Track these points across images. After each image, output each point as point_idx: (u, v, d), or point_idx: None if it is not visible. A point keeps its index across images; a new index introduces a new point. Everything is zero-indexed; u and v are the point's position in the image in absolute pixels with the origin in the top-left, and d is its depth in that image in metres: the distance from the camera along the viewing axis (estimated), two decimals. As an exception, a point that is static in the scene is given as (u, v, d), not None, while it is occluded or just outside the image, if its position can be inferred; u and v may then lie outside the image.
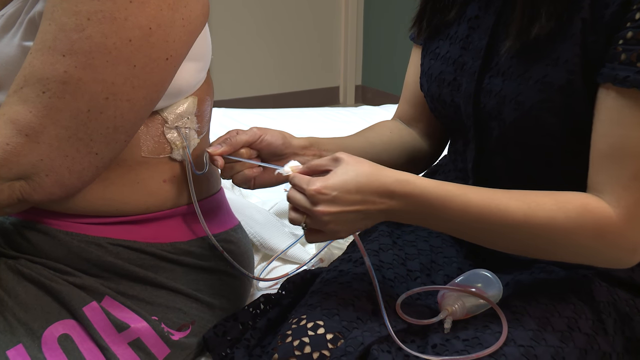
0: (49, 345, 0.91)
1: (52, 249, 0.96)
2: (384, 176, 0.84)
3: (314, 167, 0.88)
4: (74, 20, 0.81)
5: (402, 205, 0.85)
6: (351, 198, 0.83)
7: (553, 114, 0.88)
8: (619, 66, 0.80)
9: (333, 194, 0.82)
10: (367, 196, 0.84)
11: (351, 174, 0.83)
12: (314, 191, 0.82)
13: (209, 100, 1.06)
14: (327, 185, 0.83)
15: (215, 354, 1.02)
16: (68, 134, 0.85)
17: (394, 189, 0.84)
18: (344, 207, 0.83)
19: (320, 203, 0.83)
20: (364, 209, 0.84)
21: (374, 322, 0.89)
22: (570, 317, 0.88)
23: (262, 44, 4.31)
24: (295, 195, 0.86)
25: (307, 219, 0.85)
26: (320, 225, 0.85)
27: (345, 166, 0.84)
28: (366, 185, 0.83)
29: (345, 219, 0.84)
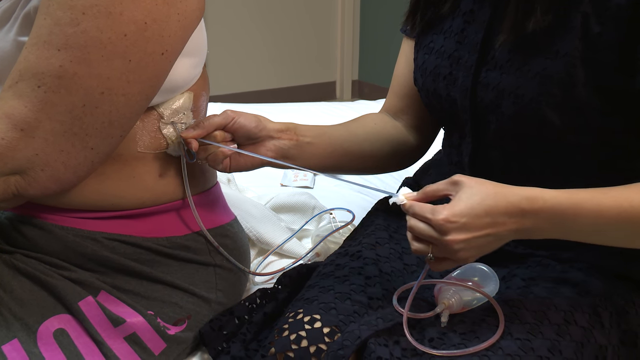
0: (45, 340, 0.91)
1: (47, 243, 0.96)
2: (510, 195, 0.81)
3: (432, 193, 0.84)
4: (69, 15, 0.81)
5: (535, 222, 0.82)
6: (481, 222, 0.80)
7: (552, 107, 0.88)
8: None
9: (462, 221, 0.79)
10: (497, 218, 0.80)
11: (477, 198, 0.80)
12: (442, 221, 0.79)
13: (205, 95, 1.06)
14: (455, 212, 0.79)
15: (212, 348, 1.02)
16: (63, 128, 0.85)
17: (524, 207, 0.81)
18: (474, 233, 0.80)
19: (449, 232, 0.79)
20: (494, 232, 0.81)
21: (370, 316, 0.89)
22: (566, 310, 0.89)
23: (258, 39, 4.30)
24: (419, 225, 0.81)
25: (434, 249, 0.82)
26: (450, 254, 0.81)
27: (469, 189, 0.81)
28: (494, 207, 0.80)
29: (476, 243, 0.81)
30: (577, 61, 0.85)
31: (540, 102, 0.89)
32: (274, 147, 1.05)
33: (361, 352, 0.85)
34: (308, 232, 1.42)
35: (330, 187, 1.67)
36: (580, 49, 0.85)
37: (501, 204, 0.80)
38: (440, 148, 1.21)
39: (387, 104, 1.24)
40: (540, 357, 0.82)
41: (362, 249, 1.05)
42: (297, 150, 1.07)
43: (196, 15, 0.92)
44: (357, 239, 1.10)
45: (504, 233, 0.82)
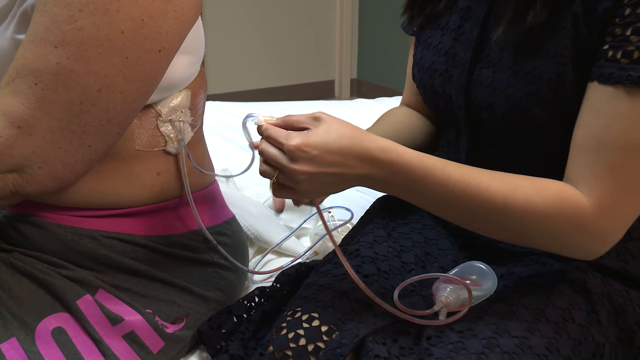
0: (43, 339, 0.90)
1: (45, 242, 0.96)
2: (367, 141, 0.82)
3: (291, 122, 0.84)
4: (66, 12, 0.81)
5: (382, 172, 0.83)
6: (331, 159, 0.80)
7: (542, 106, 0.88)
8: (605, 63, 0.81)
9: (313, 153, 0.79)
10: (348, 159, 0.81)
11: (333, 135, 0.81)
12: (293, 147, 0.79)
13: (203, 93, 1.06)
14: (309, 142, 0.79)
15: (210, 346, 1.02)
16: (61, 126, 0.85)
17: (376, 156, 0.82)
18: (322, 168, 0.80)
19: (298, 160, 0.79)
20: (341, 171, 0.81)
21: (369, 314, 0.89)
22: (564, 308, 0.89)
23: (257, 38, 4.30)
24: (270, 149, 0.82)
25: (279, 174, 0.82)
26: (293, 183, 0.82)
27: (327, 126, 0.81)
28: (348, 148, 0.81)
29: (321, 180, 0.81)
30: (567, 61, 0.85)
31: (529, 102, 0.89)
32: None
33: (359, 350, 0.85)
34: (306, 231, 1.42)
35: (328, 185, 1.66)
36: (570, 49, 0.85)
37: (355, 147, 0.81)
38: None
39: (404, 99, 1.26)
40: (538, 355, 0.82)
41: (360, 247, 1.05)
42: None
43: (193, 13, 0.92)
44: (355, 238, 1.10)
45: (351, 176, 0.82)
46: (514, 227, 0.85)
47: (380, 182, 0.84)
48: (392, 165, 0.82)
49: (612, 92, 0.80)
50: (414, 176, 0.83)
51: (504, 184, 0.84)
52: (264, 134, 0.83)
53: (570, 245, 0.86)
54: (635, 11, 0.78)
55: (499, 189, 0.83)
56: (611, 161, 0.81)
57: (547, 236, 0.85)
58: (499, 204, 0.83)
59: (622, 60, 0.79)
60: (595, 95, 0.82)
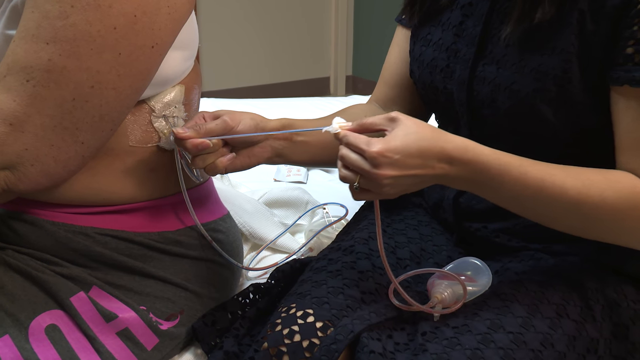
0: (36, 336, 0.90)
1: (38, 239, 0.95)
2: (444, 141, 0.82)
3: (367, 125, 0.84)
4: (58, 8, 0.80)
5: (460, 171, 0.83)
6: (412, 162, 0.80)
7: (547, 103, 0.88)
8: (634, 67, 0.81)
9: (395, 157, 0.79)
10: (428, 161, 0.81)
11: (412, 137, 0.81)
12: (375, 153, 0.79)
13: (197, 88, 1.06)
14: (390, 147, 0.79)
15: (205, 343, 1.02)
16: (53, 123, 0.84)
17: (454, 155, 0.82)
18: (404, 172, 0.80)
19: (381, 166, 0.79)
20: (422, 173, 0.82)
21: (363, 310, 0.89)
22: (559, 304, 0.89)
23: (252, 34, 4.29)
24: (351, 155, 0.82)
25: (360, 179, 0.82)
26: (376, 188, 0.82)
27: (405, 128, 0.81)
28: (428, 150, 0.81)
29: (403, 182, 0.82)
30: (573, 57, 0.85)
31: (535, 98, 0.89)
32: (270, 148, 1.03)
33: (354, 346, 0.85)
34: (301, 227, 1.42)
35: (323, 182, 1.67)
36: (576, 45, 0.85)
37: (435, 148, 0.81)
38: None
39: (377, 94, 1.23)
40: (533, 350, 0.83)
41: (355, 243, 1.05)
42: (290, 149, 1.06)
43: (186, 8, 0.92)
44: (350, 234, 1.10)
45: (430, 176, 0.83)
46: (588, 221, 0.86)
47: (457, 181, 0.84)
48: (470, 163, 0.82)
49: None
50: (490, 174, 0.83)
51: (579, 179, 0.84)
52: (343, 141, 0.83)
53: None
54: None
55: (573, 185, 0.84)
56: None
57: (620, 230, 0.86)
58: (573, 200, 0.84)
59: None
60: (631, 99, 0.83)
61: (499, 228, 1.02)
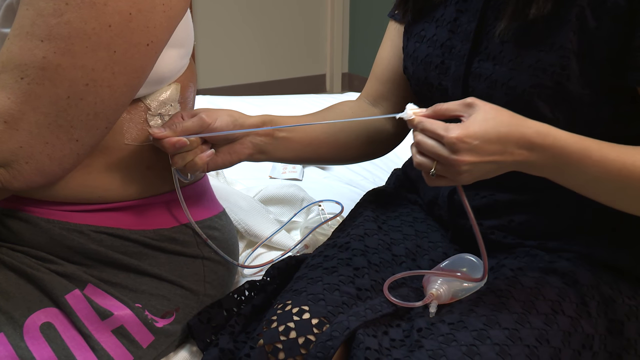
0: (31, 334, 0.90)
1: (33, 236, 0.95)
2: (524, 127, 0.81)
3: (443, 111, 0.83)
4: (52, 5, 0.80)
5: (540, 157, 0.82)
6: (491, 148, 0.79)
7: (544, 99, 0.88)
8: None
9: (475, 143, 0.78)
10: (508, 147, 0.80)
11: (491, 123, 0.79)
12: (455, 139, 0.78)
13: (193, 87, 1.06)
14: (469, 133, 0.78)
15: (200, 340, 1.02)
16: (48, 120, 0.84)
17: (534, 141, 0.81)
18: (483, 157, 0.79)
19: (460, 152, 0.78)
20: (501, 159, 0.81)
21: (359, 307, 0.89)
22: (554, 300, 0.89)
23: (248, 32, 4.29)
24: (428, 141, 0.80)
25: (437, 166, 0.81)
26: (454, 174, 0.81)
27: (484, 114, 0.80)
28: (507, 136, 0.80)
29: (482, 168, 0.81)
30: (571, 54, 0.85)
31: (532, 94, 0.89)
32: (251, 145, 1.01)
33: (350, 342, 0.85)
34: (297, 224, 1.42)
35: (319, 179, 1.67)
36: (575, 42, 0.85)
37: (514, 134, 0.80)
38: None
39: (367, 90, 1.22)
40: (528, 346, 0.83)
41: (350, 240, 1.05)
42: (272, 145, 1.04)
43: (182, 6, 0.91)
44: (345, 231, 1.10)
45: (509, 163, 0.82)
46: None
47: (537, 166, 0.83)
48: (550, 149, 0.81)
49: None
50: (571, 159, 0.82)
51: None
52: (418, 127, 0.82)
53: None
54: None
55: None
56: None
57: None
58: None
59: None
60: None
61: (494, 225, 1.02)
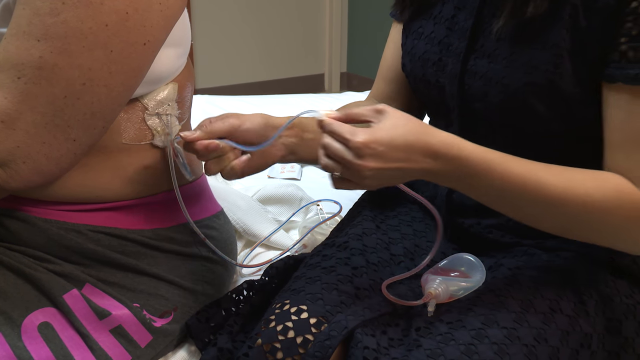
0: (29, 334, 0.90)
1: (31, 236, 0.95)
2: (430, 136, 0.81)
3: (354, 115, 0.83)
4: (49, 4, 0.80)
5: (444, 167, 0.82)
6: (397, 155, 0.80)
7: (538, 97, 0.88)
8: (628, 65, 0.81)
9: (380, 149, 0.78)
10: (413, 155, 0.80)
11: (399, 131, 0.80)
12: (360, 144, 0.78)
13: (190, 86, 1.06)
14: (375, 139, 0.79)
15: (198, 340, 1.02)
16: (45, 120, 0.84)
17: (439, 150, 0.81)
18: (387, 164, 0.80)
19: (364, 157, 0.78)
20: (406, 167, 0.81)
21: (357, 306, 0.89)
22: (552, 299, 0.89)
23: (247, 31, 4.29)
24: (334, 144, 0.81)
25: (342, 169, 0.81)
26: (358, 179, 0.81)
27: (393, 120, 0.81)
28: (413, 144, 0.80)
29: (386, 175, 0.81)
30: (564, 52, 0.85)
31: (526, 92, 0.89)
32: (283, 147, 1.02)
33: (348, 342, 0.85)
34: (295, 224, 1.42)
35: (317, 178, 1.67)
36: (568, 40, 0.85)
37: (420, 142, 0.81)
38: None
39: (375, 90, 1.23)
40: (526, 345, 0.83)
41: (348, 239, 1.05)
42: (300, 146, 1.04)
43: (179, 5, 0.91)
44: (344, 230, 1.10)
45: (414, 170, 0.82)
46: (572, 220, 0.85)
47: (441, 176, 0.84)
48: (455, 160, 0.82)
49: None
50: (475, 170, 0.83)
51: (564, 177, 0.84)
52: (326, 129, 0.82)
53: (627, 239, 0.86)
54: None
55: (558, 183, 0.83)
56: None
57: (605, 230, 0.85)
58: (558, 198, 0.83)
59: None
60: (624, 96, 0.83)
61: (492, 224, 1.02)
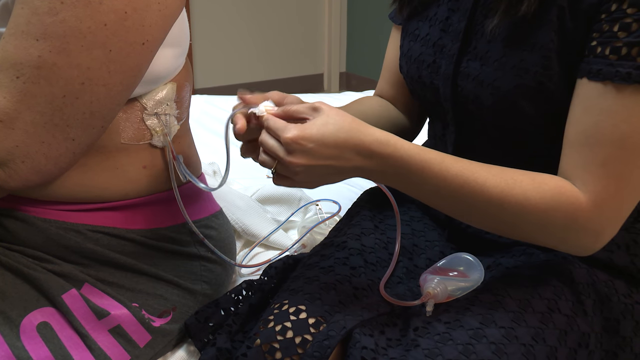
0: (28, 334, 0.90)
1: (29, 236, 0.95)
2: (364, 134, 0.82)
3: (291, 112, 0.85)
4: (47, 4, 0.80)
5: (379, 165, 0.83)
6: (327, 152, 0.81)
7: (528, 99, 0.88)
8: (594, 59, 0.81)
9: (309, 146, 0.80)
10: (345, 152, 0.81)
11: (330, 128, 0.81)
12: (289, 139, 0.80)
13: (188, 86, 1.06)
14: (305, 135, 0.80)
15: (197, 340, 1.02)
16: (44, 119, 0.84)
17: (374, 149, 0.82)
18: (317, 161, 0.81)
19: (294, 153, 0.80)
20: (337, 164, 0.82)
21: (356, 306, 0.89)
22: (550, 298, 0.89)
23: (245, 31, 4.29)
24: (269, 140, 0.83)
25: (277, 165, 0.83)
26: (290, 174, 0.83)
27: (325, 118, 0.82)
28: (345, 142, 0.81)
29: (317, 171, 0.82)
30: (552, 54, 0.85)
31: (516, 95, 0.89)
32: None
33: (346, 342, 0.85)
34: (294, 224, 1.42)
35: (316, 178, 1.66)
36: (556, 42, 0.85)
37: (352, 140, 0.81)
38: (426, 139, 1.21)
39: (379, 90, 1.24)
40: (524, 344, 0.83)
41: (347, 239, 1.05)
42: None
43: (177, 5, 0.91)
44: (342, 230, 1.10)
45: (347, 168, 0.83)
46: (511, 221, 0.85)
47: (377, 174, 0.84)
48: (389, 158, 0.82)
49: (601, 89, 0.80)
50: (411, 169, 0.83)
51: (502, 178, 0.84)
52: (264, 124, 0.84)
53: (566, 240, 0.86)
54: (622, 7, 0.78)
55: (496, 184, 0.83)
56: (603, 157, 0.81)
57: (544, 231, 0.85)
58: (496, 199, 0.83)
59: (611, 57, 0.79)
60: (585, 92, 0.82)
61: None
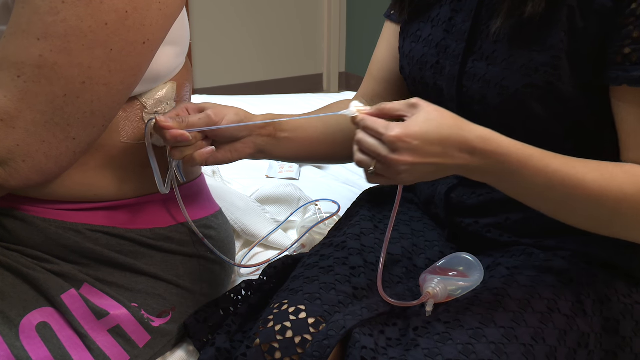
0: (27, 334, 0.90)
1: (28, 236, 0.95)
2: (467, 131, 0.80)
3: (387, 110, 0.82)
4: (48, 3, 0.80)
5: (481, 162, 0.81)
6: (432, 150, 0.79)
7: (537, 98, 0.88)
8: (632, 67, 0.81)
9: (414, 144, 0.78)
10: (448, 150, 0.79)
11: (434, 124, 0.79)
12: (394, 138, 0.77)
13: (188, 85, 1.06)
14: (409, 133, 0.78)
15: (196, 340, 1.02)
16: (44, 118, 0.84)
17: (476, 145, 0.80)
18: (422, 159, 0.79)
19: (399, 151, 0.78)
20: (442, 162, 0.80)
21: (355, 306, 0.89)
22: (550, 298, 0.89)
23: (245, 31, 4.29)
24: (368, 139, 0.80)
25: (377, 164, 0.80)
26: (392, 174, 0.80)
27: (426, 114, 0.80)
28: (448, 139, 0.79)
29: (421, 169, 0.80)
30: (562, 54, 0.85)
31: (524, 94, 0.89)
32: (252, 144, 1.03)
33: (346, 342, 0.85)
34: (293, 224, 1.42)
35: (315, 178, 1.67)
36: (565, 42, 0.85)
37: (456, 137, 0.80)
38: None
39: (364, 89, 1.22)
40: (524, 344, 0.83)
41: (346, 239, 1.05)
42: (272, 145, 1.06)
43: (178, 4, 0.91)
44: (341, 230, 1.10)
45: (449, 166, 0.81)
46: (608, 216, 0.85)
47: (478, 172, 0.83)
48: (492, 155, 0.81)
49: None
50: (513, 166, 0.82)
51: (599, 173, 0.83)
52: (360, 124, 0.82)
53: None
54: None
55: (594, 178, 0.82)
56: None
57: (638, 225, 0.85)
58: (595, 194, 0.82)
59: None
60: (631, 98, 0.83)
61: (490, 223, 1.02)
